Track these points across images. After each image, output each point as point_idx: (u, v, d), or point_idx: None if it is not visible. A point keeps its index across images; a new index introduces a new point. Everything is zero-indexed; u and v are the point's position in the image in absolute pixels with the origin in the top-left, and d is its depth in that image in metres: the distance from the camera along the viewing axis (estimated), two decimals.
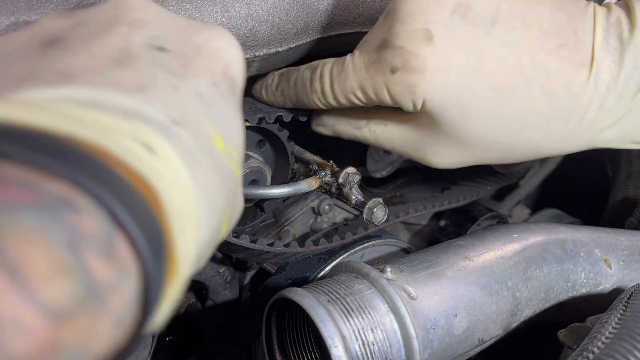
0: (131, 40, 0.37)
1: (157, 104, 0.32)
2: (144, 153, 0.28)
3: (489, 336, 0.65)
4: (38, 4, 0.54)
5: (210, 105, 0.37)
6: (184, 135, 0.32)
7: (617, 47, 0.58)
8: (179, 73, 0.36)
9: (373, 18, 0.74)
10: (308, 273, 0.77)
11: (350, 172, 0.70)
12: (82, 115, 0.28)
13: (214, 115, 0.37)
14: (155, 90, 0.33)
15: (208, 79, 0.39)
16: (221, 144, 0.37)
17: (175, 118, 0.33)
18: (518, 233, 0.73)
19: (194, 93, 0.36)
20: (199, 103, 0.36)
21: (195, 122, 0.34)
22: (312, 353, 0.62)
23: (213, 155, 0.35)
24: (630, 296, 0.60)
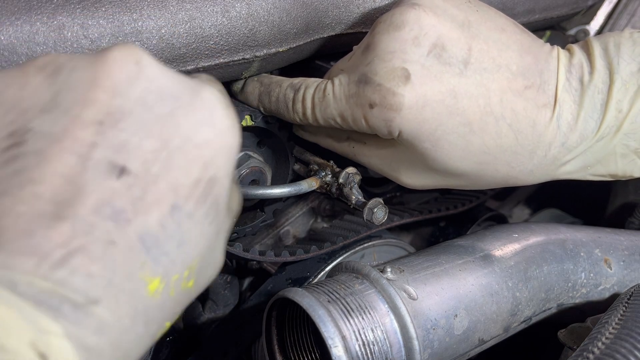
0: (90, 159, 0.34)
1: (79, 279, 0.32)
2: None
3: (489, 336, 0.65)
4: (38, 4, 0.54)
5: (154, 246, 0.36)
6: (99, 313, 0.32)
7: (578, 88, 0.62)
8: (125, 215, 0.35)
9: (373, 18, 0.74)
10: (308, 273, 0.77)
11: (350, 172, 0.70)
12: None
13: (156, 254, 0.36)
14: (83, 257, 0.32)
15: (164, 209, 0.36)
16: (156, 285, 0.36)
17: (92, 296, 0.32)
18: (518, 233, 0.73)
19: (136, 240, 0.35)
20: (137, 252, 0.35)
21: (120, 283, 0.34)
22: (312, 353, 0.62)
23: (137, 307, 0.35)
24: (631, 296, 0.60)
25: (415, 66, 0.59)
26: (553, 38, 1.02)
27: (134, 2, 0.58)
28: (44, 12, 0.54)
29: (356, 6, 0.73)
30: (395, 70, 0.59)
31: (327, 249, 0.77)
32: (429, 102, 0.59)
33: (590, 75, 0.62)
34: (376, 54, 0.60)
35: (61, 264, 0.32)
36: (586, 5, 1.01)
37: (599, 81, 0.62)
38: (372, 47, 0.61)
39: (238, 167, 0.70)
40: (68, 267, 0.32)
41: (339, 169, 0.71)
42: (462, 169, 0.64)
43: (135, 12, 0.58)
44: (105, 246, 0.33)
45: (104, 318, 0.33)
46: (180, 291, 0.39)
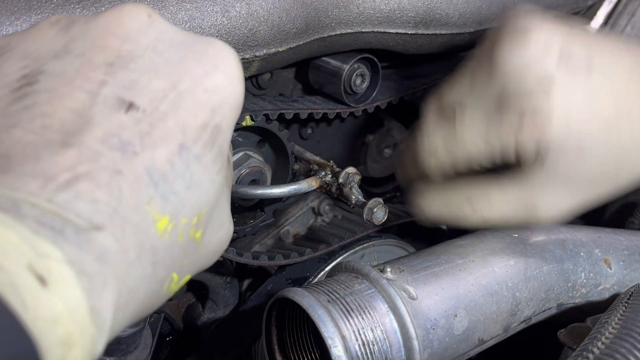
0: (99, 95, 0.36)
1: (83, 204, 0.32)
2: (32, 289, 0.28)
3: (489, 336, 0.65)
4: (38, 4, 0.54)
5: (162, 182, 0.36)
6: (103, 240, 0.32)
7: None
8: (133, 147, 0.35)
9: (373, 18, 0.74)
10: (308, 273, 0.77)
11: (350, 172, 0.70)
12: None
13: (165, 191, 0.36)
14: (89, 182, 0.33)
15: (173, 146, 0.37)
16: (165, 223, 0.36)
17: (96, 222, 0.32)
18: (518, 233, 0.73)
19: (143, 172, 0.35)
20: (144, 185, 0.35)
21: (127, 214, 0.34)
22: (312, 353, 0.62)
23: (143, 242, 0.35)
24: (630, 296, 0.60)
25: (553, 74, 0.59)
26: None
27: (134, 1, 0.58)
28: (43, 12, 0.54)
29: (356, 6, 0.73)
30: (536, 79, 0.59)
31: (322, 251, 0.77)
32: (572, 107, 0.59)
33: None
34: (504, 74, 0.59)
35: (66, 187, 0.32)
36: (586, 5, 1.01)
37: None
38: (499, 66, 0.60)
39: (238, 167, 0.70)
40: (73, 190, 0.32)
41: (338, 169, 0.71)
42: (601, 171, 0.63)
43: None
44: (111, 174, 0.34)
45: (108, 246, 0.32)
46: (188, 239, 0.39)
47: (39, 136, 0.33)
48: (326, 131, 0.90)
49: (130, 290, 0.34)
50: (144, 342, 0.65)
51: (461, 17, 0.81)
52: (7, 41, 0.40)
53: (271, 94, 0.81)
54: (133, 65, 0.38)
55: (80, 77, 0.36)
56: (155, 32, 0.40)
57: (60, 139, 0.33)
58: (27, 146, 0.33)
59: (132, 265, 0.34)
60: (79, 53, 0.37)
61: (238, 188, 0.66)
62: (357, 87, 0.80)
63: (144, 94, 0.37)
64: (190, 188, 0.38)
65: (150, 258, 0.35)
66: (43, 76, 0.36)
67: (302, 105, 0.77)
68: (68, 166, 0.33)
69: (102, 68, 0.37)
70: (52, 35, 0.39)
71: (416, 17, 0.77)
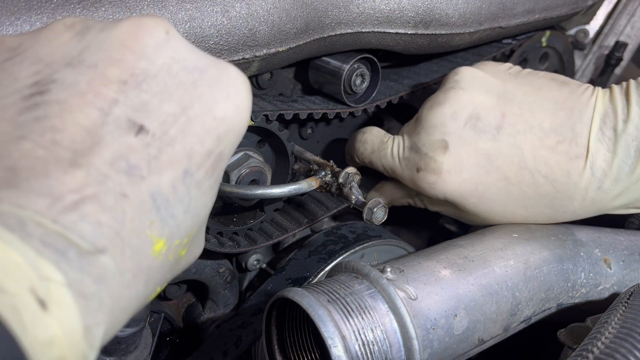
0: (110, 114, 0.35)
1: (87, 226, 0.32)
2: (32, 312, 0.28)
3: (488, 336, 0.65)
4: (38, 4, 0.54)
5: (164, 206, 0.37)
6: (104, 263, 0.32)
7: (611, 137, 0.68)
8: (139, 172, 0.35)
9: (373, 18, 0.75)
10: (308, 273, 0.77)
11: (350, 172, 0.70)
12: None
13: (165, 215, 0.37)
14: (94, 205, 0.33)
15: (178, 171, 0.37)
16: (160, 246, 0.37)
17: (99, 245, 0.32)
18: (518, 233, 0.73)
19: (147, 197, 0.36)
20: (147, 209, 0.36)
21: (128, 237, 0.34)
22: (312, 353, 0.62)
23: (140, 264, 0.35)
24: (630, 296, 0.60)
25: (452, 137, 0.71)
26: (553, 38, 1.02)
27: (134, 2, 0.58)
28: (44, 12, 0.54)
29: (356, 6, 0.73)
30: (437, 142, 0.71)
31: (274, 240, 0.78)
32: (466, 166, 0.70)
33: (625, 124, 0.67)
34: (422, 127, 0.73)
35: (72, 209, 0.32)
36: (586, 5, 1.01)
37: (633, 129, 0.67)
38: (420, 120, 0.74)
39: (238, 167, 0.70)
40: (79, 212, 0.32)
41: (338, 169, 0.71)
42: (511, 214, 0.74)
43: (135, 12, 0.58)
44: (116, 198, 0.34)
45: (108, 268, 0.33)
46: (176, 257, 0.40)
47: (48, 152, 0.33)
48: (326, 131, 0.90)
49: (122, 308, 0.35)
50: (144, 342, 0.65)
51: (461, 17, 0.81)
52: (20, 41, 0.39)
53: (271, 94, 0.81)
54: (146, 85, 0.37)
55: (93, 92, 0.36)
56: (171, 51, 0.39)
57: (69, 157, 0.33)
58: (35, 161, 0.33)
59: (127, 286, 0.34)
60: (92, 64, 0.37)
61: (238, 188, 0.66)
62: (357, 87, 0.80)
63: (155, 118, 0.37)
64: (187, 212, 0.39)
65: (144, 278, 0.36)
66: (54, 85, 0.36)
67: (301, 105, 0.77)
68: (75, 187, 0.33)
69: (115, 85, 0.36)
70: (66, 40, 0.38)
71: (416, 17, 0.77)
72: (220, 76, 0.41)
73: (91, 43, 0.38)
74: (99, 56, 0.37)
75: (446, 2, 0.78)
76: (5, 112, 0.35)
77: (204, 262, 0.80)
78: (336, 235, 0.82)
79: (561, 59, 1.06)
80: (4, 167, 0.32)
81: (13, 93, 0.36)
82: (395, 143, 0.77)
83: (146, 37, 0.38)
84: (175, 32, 0.40)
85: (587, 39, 1.13)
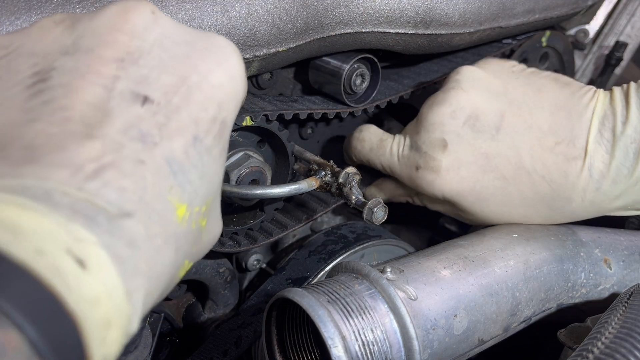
0: (114, 89, 0.36)
1: (112, 192, 0.33)
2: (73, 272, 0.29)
3: (489, 336, 0.65)
4: (38, 4, 0.54)
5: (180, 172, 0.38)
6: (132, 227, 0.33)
7: (610, 139, 0.68)
8: (152, 138, 0.36)
9: (373, 18, 0.74)
10: (308, 273, 0.77)
11: (350, 172, 0.70)
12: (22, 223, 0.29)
13: (182, 181, 0.38)
14: (115, 172, 0.34)
15: (188, 137, 0.38)
16: (183, 211, 0.38)
17: (126, 209, 0.33)
18: (518, 233, 0.73)
19: (163, 162, 0.36)
20: (165, 174, 0.36)
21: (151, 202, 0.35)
22: (312, 353, 0.62)
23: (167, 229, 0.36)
24: (630, 296, 0.60)
25: (451, 136, 0.71)
26: (553, 38, 1.02)
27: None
28: (43, 12, 0.54)
29: (356, 6, 0.73)
30: (436, 140, 0.72)
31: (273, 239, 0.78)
32: (463, 164, 0.71)
33: (624, 126, 0.67)
34: (422, 125, 0.74)
35: (94, 176, 0.33)
36: (586, 5, 1.01)
37: (632, 131, 0.67)
38: (421, 119, 0.75)
39: (238, 167, 0.70)
40: (101, 179, 0.33)
41: (338, 169, 0.71)
42: (508, 214, 0.74)
43: None
44: (134, 164, 0.35)
45: (137, 233, 0.33)
46: (198, 227, 0.40)
47: (61, 128, 0.34)
48: (326, 131, 0.90)
49: (158, 276, 0.35)
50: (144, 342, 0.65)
51: (461, 17, 0.81)
52: (10, 40, 0.40)
53: (271, 94, 0.81)
54: (142, 61, 0.39)
55: (93, 72, 0.37)
56: (160, 28, 0.41)
57: (82, 130, 0.34)
58: (51, 137, 0.33)
59: (159, 251, 0.35)
60: (87, 49, 0.38)
61: (238, 188, 0.66)
62: (357, 87, 0.80)
63: (157, 88, 0.38)
64: (202, 178, 0.40)
65: (174, 245, 0.37)
66: (55, 72, 0.37)
67: (301, 105, 0.77)
68: (94, 156, 0.33)
69: (113, 63, 0.37)
70: (58, 34, 0.40)
71: (416, 17, 0.77)
72: (209, 47, 0.42)
73: (83, 32, 0.39)
74: (93, 41, 0.38)
75: (446, 2, 0.78)
76: (11, 102, 0.36)
77: (204, 262, 0.80)
78: (336, 235, 0.82)
79: (561, 59, 1.06)
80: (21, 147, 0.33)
81: (15, 85, 0.37)
82: (395, 141, 0.77)
83: (134, 18, 0.40)
84: (160, 12, 0.42)
85: (587, 39, 1.13)
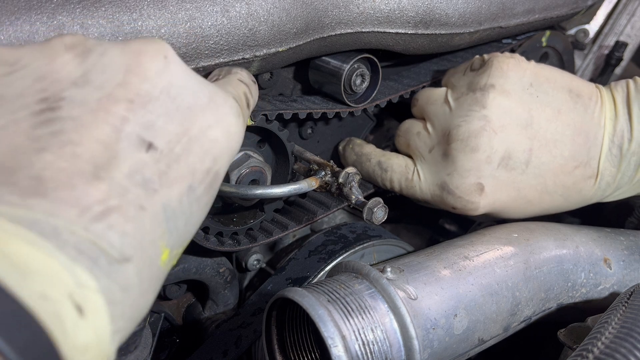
0: (123, 131, 0.37)
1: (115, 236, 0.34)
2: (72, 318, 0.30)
3: (489, 336, 0.65)
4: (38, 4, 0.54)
5: (172, 219, 0.39)
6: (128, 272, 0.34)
7: (617, 155, 0.75)
8: (153, 185, 0.38)
9: (373, 18, 0.74)
10: (308, 273, 0.77)
11: (350, 172, 0.70)
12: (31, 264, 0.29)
13: (171, 228, 0.39)
14: (119, 216, 0.35)
15: (184, 186, 0.40)
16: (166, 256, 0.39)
17: (126, 254, 0.34)
18: (518, 233, 0.73)
19: (160, 210, 0.38)
20: (160, 221, 0.38)
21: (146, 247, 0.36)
22: (312, 353, 0.61)
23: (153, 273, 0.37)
24: (630, 296, 0.60)
25: (487, 180, 0.75)
26: (553, 38, 1.02)
27: (134, 1, 0.58)
28: (43, 12, 0.54)
29: (356, 6, 0.73)
30: (472, 185, 0.75)
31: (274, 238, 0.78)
32: (498, 198, 0.76)
33: (630, 143, 0.74)
34: (455, 169, 0.75)
35: (100, 218, 0.34)
36: (586, 5, 1.01)
37: (636, 146, 0.74)
38: (452, 160, 0.76)
39: (238, 167, 0.70)
40: (106, 222, 0.34)
41: (338, 169, 0.71)
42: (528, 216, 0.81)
43: (135, 12, 0.58)
44: (136, 209, 0.36)
45: (131, 277, 0.34)
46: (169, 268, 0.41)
47: (70, 164, 0.35)
48: (326, 131, 0.90)
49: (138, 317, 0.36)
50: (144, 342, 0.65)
51: (461, 17, 0.81)
52: (19, 56, 0.40)
53: (271, 93, 0.81)
54: (150, 106, 0.40)
55: (103, 110, 0.37)
56: (169, 76, 0.42)
57: (91, 170, 0.35)
58: (59, 172, 0.34)
59: (143, 295, 0.36)
60: (98, 85, 0.39)
61: (238, 188, 0.66)
62: (357, 87, 0.80)
63: (162, 136, 0.39)
64: (186, 224, 0.41)
65: (155, 287, 0.38)
66: (64, 103, 0.37)
67: (301, 105, 0.77)
68: (101, 199, 0.34)
69: (124, 104, 0.38)
70: (67, 60, 0.40)
71: (416, 17, 0.77)
72: (209, 103, 0.44)
73: (94, 66, 0.40)
74: (104, 77, 0.39)
75: (446, 2, 0.78)
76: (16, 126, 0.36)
77: (204, 262, 0.80)
78: (336, 235, 0.82)
79: (561, 59, 1.06)
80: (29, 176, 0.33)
81: (21, 108, 0.37)
82: (421, 178, 0.79)
83: (148, 62, 0.41)
84: (173, 55, 0.43)
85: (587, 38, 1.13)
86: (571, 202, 0.79)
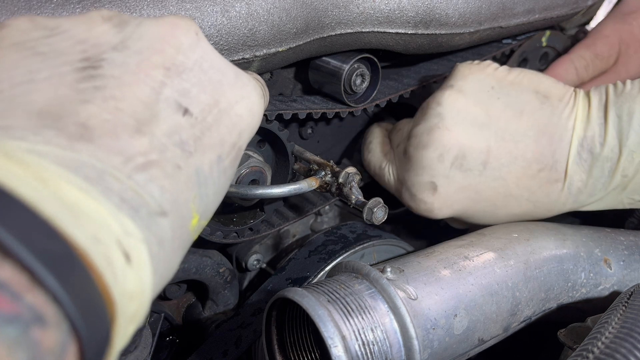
0: (161, 93, 0.39)
1: (155, 188, 0.35)
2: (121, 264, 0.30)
3: (489, 336, 0.65)
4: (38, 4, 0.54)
5: (203, 184, 0.40)
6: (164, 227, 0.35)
7: (588, 159, 0.71)
8: (189, 147, 0.39)
9: (373, 18, 0.74)
10: (308, 273, 0.77)
11: (350, 172, 0.70)
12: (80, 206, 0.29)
13: (202, 194, 0.40)
14: (158, 170, 0.35)
15: (214, 155, 0.41)
16: (196, 222, 0.40)
17: (163, 208, 0.35)
18: (518, 233, 0.73)
19: (194, 172, 0.39)
20: (194, 184, 0.39)
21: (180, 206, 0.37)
22: (312, 353, 0.62)
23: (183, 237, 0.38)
24: (630, 296, 0.60)
25: (440, 179, 0.73)
26: (553, 38, 1.02)
27: (134, 2, 0.58)
28: (43, 12, 0.54)
29: (356, 6, 0.73)
30: (425, 184, 0.74)
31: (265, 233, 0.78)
32: (456, 200, 0.75)
33: (601, 147, 0.70)
34: (411, 166, 0.76)
35: (143, 169, 0.34)
36: (586, 5, 1.01)
37: (609, 152, 0.70)
38: (408, 157, 0.76)
39: (238, 167, 0.70)
40: (148, 174, 0.35)
41: (338, 169, 0.71)
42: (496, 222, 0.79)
43: (135, 12, 0.58)
44: (174, 168, 0.37)
45: (166, 233, 0.35)
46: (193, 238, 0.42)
47: (113, 116, 0.35)
48: (326, 131, 0.90)
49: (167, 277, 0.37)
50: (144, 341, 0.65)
51: (461, 17, 0.81)
52: (58, 23, 0.41)
53: (271, 93, 0.81)
54: (185, 75, 0.41)
55: (143, 72, 0.38)
56: (201, 50, 0.43)
57: (134, 124, 0.36)
58: (104, 123, 0.35)
59: (174, 254, 0.37)
60: (137, 51, 0.40)
61: (238, 188, 0.66)
62: (357, 87, 0.80)
63: (196, 104, 0.41)
64: (215, 194, 0.42)
65: (183, 250, 0.39)
66: (105, 63, 0.38)
67: (301, 105, 0.77)
68: (143, 151, 0.35)
69: (161, 70, 0.39)
70: (106, 29, 0.41)
71: (416, 17, 0.77)
72: (235, 80, 0.45)
73: (132, 34, 0.41)
74: (142, 45, 0.40)
75: (446, 2, 0.78)
76: (60, 79, 0.37)
77: (204, 262, 0.80)
78: (336, 235, 0.82)
79: None
80: (75, 123, 0.34)
81: (64, 64, 0.38)
82: (388, 172, 0.81)
83: (182, 35, 0.42)
84: (202, 34, 0.44)
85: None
86: (541, 209, 0.76)
